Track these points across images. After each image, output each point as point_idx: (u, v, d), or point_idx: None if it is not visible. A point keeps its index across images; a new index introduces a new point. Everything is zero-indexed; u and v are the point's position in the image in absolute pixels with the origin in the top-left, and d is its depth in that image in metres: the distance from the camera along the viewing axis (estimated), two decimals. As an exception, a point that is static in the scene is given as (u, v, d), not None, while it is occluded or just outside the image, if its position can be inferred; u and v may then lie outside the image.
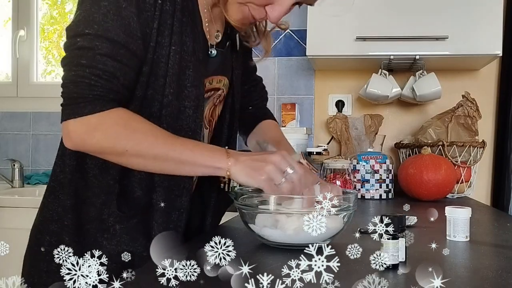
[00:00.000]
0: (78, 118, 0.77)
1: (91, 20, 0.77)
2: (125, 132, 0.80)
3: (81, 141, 0.78)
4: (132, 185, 0.87)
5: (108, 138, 0.79)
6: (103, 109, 0.78)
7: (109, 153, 0.80)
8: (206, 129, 1.00)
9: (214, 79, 0.98)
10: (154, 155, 0.80)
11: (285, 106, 2.09)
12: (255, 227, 0.81)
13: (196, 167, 0.82)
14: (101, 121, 0.78)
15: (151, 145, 0.80)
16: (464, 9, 1.71)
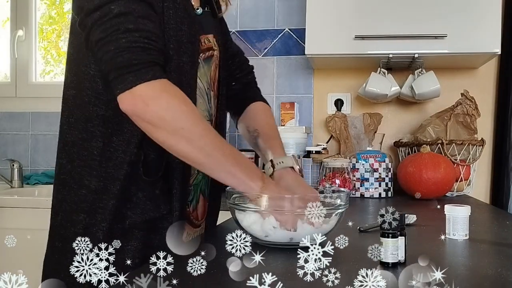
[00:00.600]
0: (144, 83, 0.76)
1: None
2: (185, 108, 0.80)
3: (145, 106, 0.76)
4: (148, 148, 0.86)
5: (170, 109, 0.78)
6: (161, 76, 0.78)
7: (164, 127, 0.78)
8: (212, 91, 1.01)
9: (209, 37, 0.99)
10: (202, 145, 0.80)
11: (284, 105, 2.09)
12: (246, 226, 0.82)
13: (231, 176, 0.83)
14: (164, 89, 0.78)
15: (204, 133, 0.80)
16: (462, 8, 1.71)
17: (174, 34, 0.87)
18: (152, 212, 0.88)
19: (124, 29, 0.77)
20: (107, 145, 0.87)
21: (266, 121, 1.12)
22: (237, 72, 1.17)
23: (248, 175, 0.83)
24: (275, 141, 1.07)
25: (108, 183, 0.86)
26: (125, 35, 0.76)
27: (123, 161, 0.86)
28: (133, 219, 0.86)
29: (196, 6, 0.98)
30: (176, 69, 0.87)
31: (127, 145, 0.86)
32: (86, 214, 0.87)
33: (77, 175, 0.89)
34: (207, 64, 0.98)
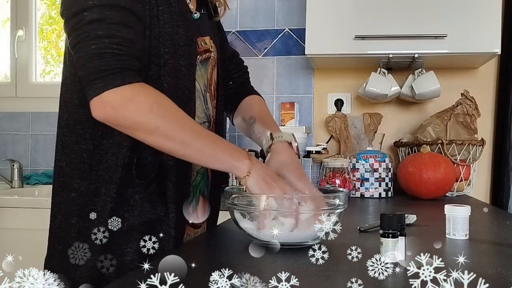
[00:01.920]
0: (112, 89, 0.76)
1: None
2: (158, 108, 0.80)
3: (115, 112, 0.78)
4: (142, 151, 0.87)
5: (142, 111, 0.79)
6: (132, 81, 0.79)
7: (139, 129, 0.80)
8: (208, 92, 1.02)
9: (205, 40, 1.00)
10: (181, 138, 0.81)
11: (284, 105, 2.09)
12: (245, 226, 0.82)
13: (215, 160, 0.85)
14: (134, 93, 0.79)
15: (180, 127, 0.82)
16: (462, 8, 1.71)
17: (170, 38, 0.87)
18: (149, 214, 0.88)
19: (94, 35, 0.77)
20: (97, 147, 0.87)
21: (261, 109, 1.14)
22: (234, 72, 1.19)
23: (233, 157, 0.84)
24: (272, 123, 1.08)
25: (100, 186, 0.86)
26: (95, 41, 0.77)
27: (116, 164, 0.86)
28: (130, 221, 0.87)
29: (193, 9, 0.98)
30: (172, 73, 0.88)
31: (117, 147, 0.86)
32: (79, 218, 0.87)
33: (70, 178, 0.89)
34: (204, 66, 0.99)
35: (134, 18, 0.82)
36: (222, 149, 0.85)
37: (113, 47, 0.78)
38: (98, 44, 0.77)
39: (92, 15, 0.78)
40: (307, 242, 0.81)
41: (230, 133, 2.13)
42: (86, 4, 0.78)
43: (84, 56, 0.78)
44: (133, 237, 0.87)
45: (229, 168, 0.85)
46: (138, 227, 0.87)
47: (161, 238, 0.90)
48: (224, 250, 0.84)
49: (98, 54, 0.77)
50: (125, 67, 0.79)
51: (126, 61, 0.79)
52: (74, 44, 0.79)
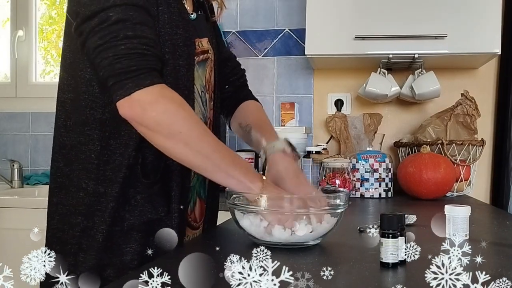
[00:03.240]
0: (143, 89, 0.77)
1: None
2: (182, 112, 0.81)
3: (142, 111, 0.78)
4: (147, 151, 0.87)
5: (168, 113, 0.79)
6: (159, 82, 0.79)
7: (161, 131, 0.80)
8: (206, 94, 1.02)
9: (203, 41, 1.00)
10: (200, 148, 0.81)
11: (284, 106, 2.09)
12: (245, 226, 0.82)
13: (230, 177, 0.83)
14: (161, 94, 0.79)
15: (201, 136, 0.82)
16: (462, 8, 1.71)
17: (170, 38, 0.88)
18: (150, 214, 0.88)
19: (122, 35, 0.78)
20: (105, 148, 0.87)
21: (258, 116, 1.13)
22: (230, 76, 1.18)
23: (247, 177, 0.83)
24: (267, 130, 1.07)
25: (106, 186, 0.86)
26: (123, 42, 0.77)
27: (121, 164, 0.86)
28: (131, 221, 0.87)
29: (190, 11, 0.98)
30: (173, 73, 0.88)
31: (124, 148, 0.86)
32: (84, 217, 0.87)
33: (75, 178, 0.89)
34: (202, 68, 0.99)
35: (151, 18, 0.83)
36: (237, 168, 0.84)
37: (142, 48, 0.78)
38: (127, 44, 0.77)
39: (117, 15, 0.78)
40: (308, 242, 0.81)
41: (230, 133, 2.13)
42: (106, 3, 0.78)
43: (112, 56, 0.77)
44: (133, 237, 0.87)
45: (241, 187, 0.83)
46: (138, 227, 0.87)
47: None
48: (224, 250, 0.84)
49: (128, 55, 0.77)
50: (152, 68, 0.80)
51: (153, 62, 0.80)
52: (99, 45, 0.78)
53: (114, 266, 0.85)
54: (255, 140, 1.06)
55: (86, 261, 0.84)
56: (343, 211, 0.84)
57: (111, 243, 0.86)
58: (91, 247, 0.85)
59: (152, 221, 0.88)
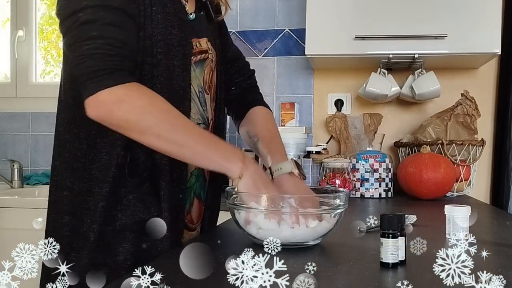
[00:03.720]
0: (106, 90, 0.77)
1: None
2: (150, 108, 0.81)
3: (108, 111, 0.79)
4: (136, 150, 0.87)
5: (134, 111, 0.80)
6: (125, 81, 0.79)
7: (132, 128, 0.81)
8: (207, 94, 1.01)
9: (201, 41, 0.99)
10: (173, 138, 0.82)
11: (284, 106, 2.09)
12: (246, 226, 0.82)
13: (208, 161, 0.85)
14: (126, 93, 0.79)
15: (172, 127, 0.82)
16: (462, 8, 1.71)
17: (163, 38, 0.88)
18: (142, 213, 0.88)
19: (87, 36, 0.79)
20: (92, 147, 0.87)
21: (266, 126, 1.11)
22: (236, 77, 1.16)
23: (226, 158, 0.84)
24: (274, 146, 1.07)
25: (93, 185, 0.86)
26: (88, 42, 0.78)
27: (109, 163, 0.86)
28: (123, 221, 0.87)
29: (190, 11, 0.98)
30: (165, 73, 0.88)
31: (111, 147, 0.86)
32: (71, 216, 0.88)
33: (63, 177, 0.90)
34: (199, 68, 0.98)
35: (127, 18, 0.83)
36: (215, 150, 0.85)
37: (106, 48, 0.78)
38: (91, 44, 0.78)
39: (86, 15, 0.79)
40: (308, 242, 0.81)
41: (230, 133, 2.13)
42: (79, 5, 0.79)
43: (78, 56, 0.79)
44: (125, 237, 0.87)
45: (221, 169, 0.85)
46: (131, 227, 0.87)
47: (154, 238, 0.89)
48: (224, 250, 0.84)
49: (91, 55, 0.78)
50: (117, 68, 0.80)
51: (118, 62, 0.80)
52: (69, 45, 0.81)
53: (108, 266, 0.85)
54: (262, 155, 1.06)
55: (78, 261, 0.84)
56: (342, 211, 0.84)
57: (104, 243, 0.86)
58: (83, 247, 0.85)
59: (145, 221, 0.88)
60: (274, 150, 1.05)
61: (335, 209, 0.83)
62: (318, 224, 0.81)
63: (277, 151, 1.05)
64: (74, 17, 0.79)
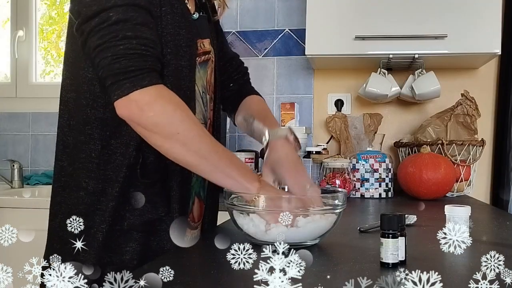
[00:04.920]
0: (140, 90, 0.77)
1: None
2: (180, 113, 0.81)
3: (140, 111, 0.78)
4: (147, 151, 0.87)
5: (166, 114, 0.79)
6: (157, 82, 0.80)
7: (159, 132, 0.80)
8: (208, 95, 1.02)
9: (205, 42, 1.00)
10: (197, 149, 0.81)
11: (284, 106, 2.09)
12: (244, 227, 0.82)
13: (228, 177, 0.83)
14: (159, 95, 0.79)
15: (199, 137, 0.82)
16: (463, 8, 1.71)
17: (172, 39, 0.88)
18: (150, 214, 0.88)
19: (122, 36, 0.78)
20: (106, 147, 0.87)
21: (260, 107, 1.13)
22: (235, 74, 1.18)
23: (244, 177, 0.83)
24: (270, 120, 1.07)
25: (107, 186, 0.87)
26: (122, 42, 0.78)
27: (122, 164, 0.86)
28: (131, 220, 0.87)
29: (192, 11, 0.98)
30: (174, 73, 0.88)
31: (125, 147, 0.87)
32: (84, 216, 0.87)
33: (77, 177, 0.89)
34: (203, 68, 0.99)
35: (152, 19, 0.83)
36: (235, 168, 0.84)
37: (141, 48, 0.78)
38: (126, 44, 0.78)
39: (118, 15, 0.78)
40: (306, 242, 0.81)
41: (230, 133, 2.13)
42: (107, 4, 0.78)
43: (111, 56, 0.78)
44: (133, 236, 0.87)
45: (239, 188, 0.83)
46: (138, 227, 0.88)
47: (162, 238, 0.90)
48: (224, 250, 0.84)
49: (127, 55, 0.77)
50: (151, 68, 0.80)
51: (152, 62, 0.80)
52: (98, 44, 0.79)
53: (114, 265, 0.86)
54: (258, 130, 1.05)
55: (86, 261, 0.84)
56: (341, 211, 0.84)
57: (111, 243, 0.86)
58: (91, 247, 0.86)
59: (152, 221, 0.89)
60: (269, 122, 1.05)
61: (333, 209, 0.83)
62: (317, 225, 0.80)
63: (272, 123, 1.06)
64: (104, 16, 0.78)
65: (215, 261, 0.74)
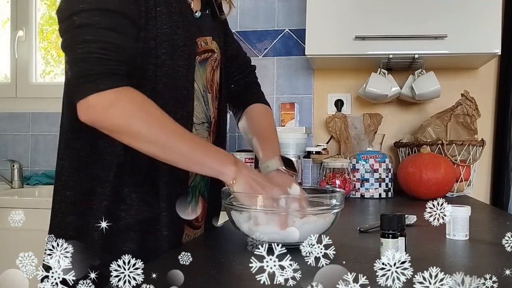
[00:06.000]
0: (97, 93, 0.77)
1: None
2: (140, 113, 0.81)
3: (98, 115, 0.79)
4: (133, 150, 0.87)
5: (125, 116, 0.80)
6: (118, 85, 0.79)
7: (123, 133, 0.81)
8: (209, 93, 1.02)
9: (207, 40, 1.00)
10: (164, 143, 0.82)
11: (284, 106, 2.09)
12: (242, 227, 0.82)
13: (200, 165, 0.84)
14: (118, 98, 0.79)
15: (163, 132, 0.82)
16: (462, 8, 1.71)
17: (168, 39, 0.88)
18: (146, 212, 0.88)
19: (81, 39, 0.78)
20: (94, 147, 0.88)
21: (261, 124, 1.13)
22: (235, 74, 1.17)
23: (218, 161, 0.84)
24: (266, 142, 1.07)
25: (96, 185, 0.87)
26: (82, 46, 0.78)
27: (111, 163, 0.87)
28: (127, 220, 0.87)
29: (195, 9, 0.98)
30: (169, 73, 0.88)
31: (113, 147, 0.87)
32: (75, 216, 0.88)
33: (69, 177, 0.90)
34: (203, 67, 0.99)
35: (126, 22, 0.82)
36: (207, 154, 0.85)
37: (100, 52, 0.78)
38: (85, 48, 0.78)
39: (81, 19, 0.79)
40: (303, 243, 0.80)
41: (230, 133, 2.13)
42: (76, 8, 0.79)
43: (72, 59, 0.79)
44: (129, 236, 0.87)
45: (214, 173, 0.85)
46: (135, 226, 0.88)
47: (158, 237, 0.90)
48: (224, 250, 0.84)
49: (85, 58, 0.78)
50: (111, 72, 0.79)
51: (112, 66, 0.79)
52: (64, 47, 0.81)
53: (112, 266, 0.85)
54: (256, 152, 1.07)
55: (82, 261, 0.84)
56: (338, 211, 0.83)
57: (108, 243, 0.86)
58: (87, 247, 0.86)
59: (148, 220, 0.89)
60: (265, 147, 1.06)
61: (331, 209, 0.83)
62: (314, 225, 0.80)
63: (268, 147, 1.06)
64: (70, 20, 0.79)
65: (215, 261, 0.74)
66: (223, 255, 0.80)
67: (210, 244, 0.90)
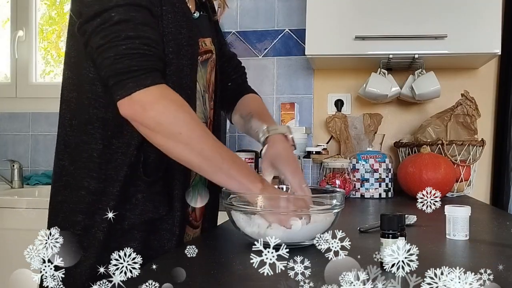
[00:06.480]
0: (143, 89, 0.77)
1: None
2: (183, 113, 0.81)
3: (142, 111, 0.78)
4: (148, 150, 0.87)
5: (168, 113, 0.79)
6: (160, 82, 0.80)
7: (161, 132, 0.80)
8: (207, 94, 1.02)
9: (206, 41, 1.00)
10: (200, 149, 0.81)
11: (284, 106, 2.09)
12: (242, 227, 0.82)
13: (230, 178, 0.83)
14: (162, 95, 0.80)
15: (202, 138, 0.82)
16: (462, 8, 1.71)
17: (174, 38, 0.88)
18: (151, 213, 0.88)
19: (124, 36, 0.78)
20: (107, 147, 0.87)
21: (258, 105, 1.14)
22: (233, 74, 1.19)
23: (247, 178, 0.83)
24: (268, 118, 1.08)
25: (108, 185, 0.87)
26: (125, 42, 0.78)
27: (123, 163, 0.87)
28: (132, 220, 0.87)
29: (192, 10, 0.99)
30: (176, 72, 0.88)
31: (126, 147, 0.87)
32: (85, 215, 0.88)
33: (78, 177, 0.89)
34: (204, 67, 1.00)
35: (153, 18, 0.83)
36: (238, 169, 0.84)
37: (144, 48, 0.79)
38: (128, 44, 0.78)
39: (119, 15, 0.78)
40: (304, 242, 0.81)
41: (230, 133, 2.13)
42: (109, 3, 0.78)
43: (113, 56, 0.78)
44: (134, 235, 0.87)
45: (242, 188, 0.83)
46: (139, 226, 0.88)
47: (163, 237, 0.90)
48: (224, 250, 0.84)
49: (129, 55, 0.78)
50: (154, 68, 0.80)
51: (154, 62, 0.80)
52: (100, 45, 0.79)
53: None
54: (255, 127, 1.06)
55: (86, 260, 0.85)
56: (339, 211, 0.83)
57: (112, 242, 0.87)
58: (91, 246, 0.86)
59: (153, 220, 0.89)
60: (268, 120, 1.06)
61: (331, 209, 0.83)
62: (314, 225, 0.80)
63: (270, 121, 1.07)
64: (106, 16, 0.78)
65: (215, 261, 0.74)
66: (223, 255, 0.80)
67: (210, 244, 0.90)
